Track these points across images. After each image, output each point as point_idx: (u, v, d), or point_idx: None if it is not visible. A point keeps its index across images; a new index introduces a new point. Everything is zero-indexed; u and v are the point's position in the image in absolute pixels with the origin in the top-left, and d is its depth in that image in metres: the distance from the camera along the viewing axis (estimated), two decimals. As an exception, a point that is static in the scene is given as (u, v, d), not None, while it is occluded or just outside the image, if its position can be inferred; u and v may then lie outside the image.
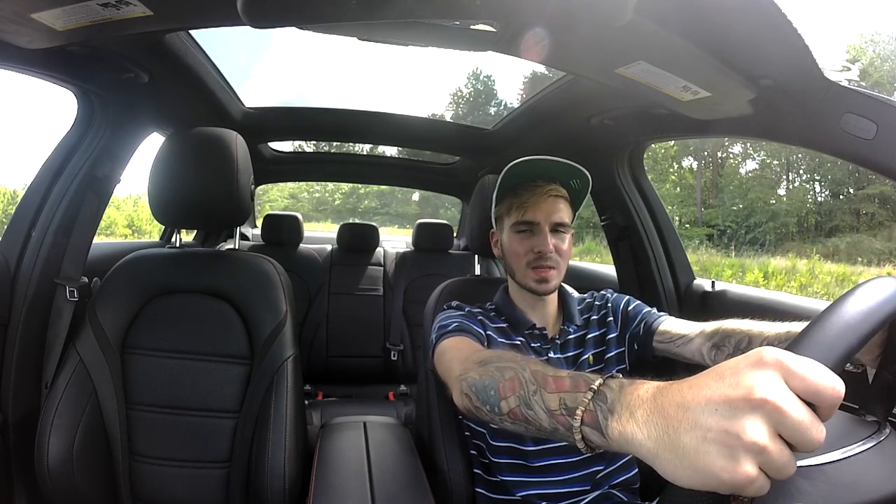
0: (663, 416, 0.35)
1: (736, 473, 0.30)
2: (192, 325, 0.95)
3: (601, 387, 0.42)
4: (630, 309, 0.93)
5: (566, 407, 0.44)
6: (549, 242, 0.84)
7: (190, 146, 0.97)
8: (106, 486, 0.89)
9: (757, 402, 0.31)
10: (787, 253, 12.87)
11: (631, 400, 0.38)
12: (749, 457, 0.30)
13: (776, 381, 0.31)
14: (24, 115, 29.40)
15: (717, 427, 0.31)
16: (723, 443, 0.31)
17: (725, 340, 0.75)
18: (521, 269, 0.87)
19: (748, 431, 0.30)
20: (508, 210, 0.89)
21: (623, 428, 0.37)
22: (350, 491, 0.76)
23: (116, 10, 0.66)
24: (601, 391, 0.41)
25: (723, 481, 0.31)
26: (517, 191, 0.88)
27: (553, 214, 0.86)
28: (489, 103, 20.97)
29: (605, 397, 0.40)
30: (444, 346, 0.77)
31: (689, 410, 0.33)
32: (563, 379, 0.47)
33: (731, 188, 16.60)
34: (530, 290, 0.87)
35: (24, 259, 0.98)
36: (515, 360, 0.57)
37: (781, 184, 16.47)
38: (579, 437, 0.42)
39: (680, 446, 0.33)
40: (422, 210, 17.53)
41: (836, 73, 0.71)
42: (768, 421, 0.31)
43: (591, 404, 0.41)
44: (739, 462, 0.30)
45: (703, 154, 17.29)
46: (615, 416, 0.38)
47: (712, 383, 0.33)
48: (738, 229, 15.31)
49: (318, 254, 2.17)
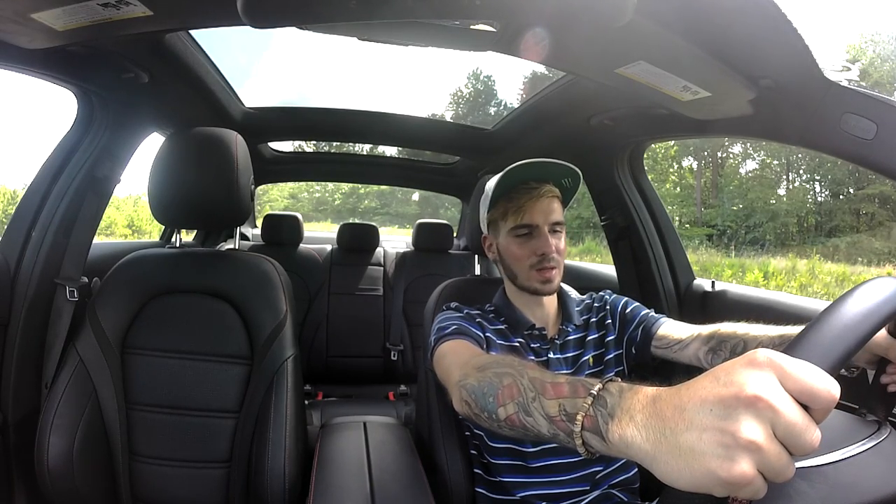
0: (661, 418, 0.35)
1: (732, 472, 0.30)
2: (192, 325, 0.95)
3: (601, 391, 0.42)
4: (628, 311, 0.93)
5: (566, 413, 0.44)
6: (551, 243, 0.85)
7: (190, 146, 0.97)
8: (106, 486, 0.89)
9: (749, 398, 0.31)
10: (787, 253, 12.88)
11: (631, 404, 0.38)
12: (745, 456, 0.30)
13: (769, 380, 0.31)
14: (25, 115, 29.40)
15: (712, 426, 0.32)
16: (718, 442, 0.31)
17: (721, 345, 0.76)
18: (524, 272, 0.87)
19: (743, 430, 0.31)
20: (504, 214, 0.88)
21: (623, 432, 0.37)
22: (350, 491, 0.76)
23: (116, 10, 0.66)
24: (601, 396, 0.41)
25: (719, 480, 0.31)
26: (511, 195, 0.87)
27: (550, 215, 0.86)
28: (489, 103, 20.98)
29: (605, 402, 0.40)
30: (443, 350, 0.77)
31: (685, 412, 0.33)
32: (561, 385, 0.47)
33: (731, 188, 16.60)
34: (535, 291, 0.87)
35: (24, 259, 0.98)
36: (513, 366, 0.56)
37: (781, 184, 16.48)
38: (580, 443, 0.42)
39: (677, 447, 0.33)
40: (422, 210, 17.54)
41: (836, 73, 0.71)
42: (763, 420, 0.31)
43: (592, 409, 0.41)
44: (735, 461, 0.30)
45: (703, 154, 17.29)
46: (615, 421, 0.38)
47: (707, 384, 0.33)
48: (738, 229, 15.32)
49: (318, 254, 2.17)
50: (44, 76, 0.91)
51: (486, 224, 0.94)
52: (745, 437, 0.30)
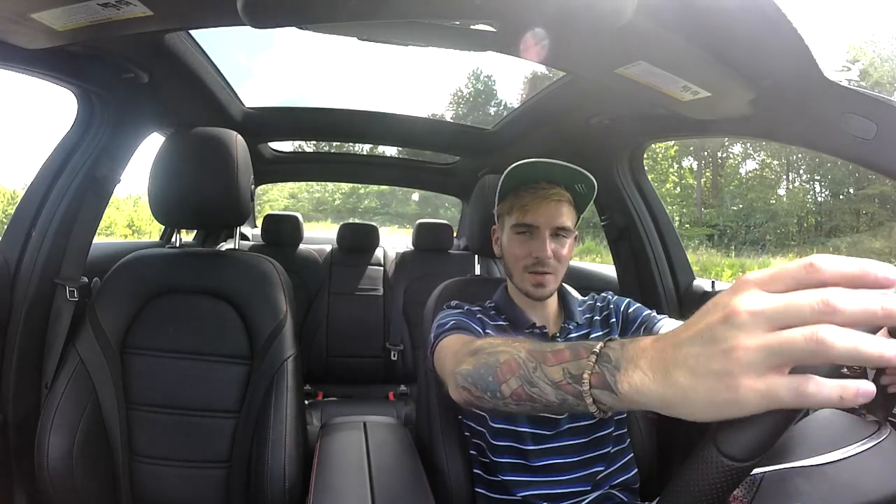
0: (662, 358, 0.35)
1: (739, 388, 0.30)
2: (192, 326, 0.95)
3: (602, 349, 0.41)
4: (630, 311, 0.93)
5: (571, 375, 0.44)
6: (548, 248, 0.84)
7: (190, 146, 0.97)
8: (106, 486, 0.89)
9: (729, 313, 0.31)
10: (788, 253, 12.88)
11: (633, 353, 0.38)
12: (743, 366, 0.30)
13: (752, 293, 0.31)
14: (25, 115, 29.41)
15: (706, 353, 0.32)
16: (716, 366, 0.31)
17: None
18: (518, 272, 0.87)
19: (730, 340, 0.30)
20: (510, 209, 0.88)
21: (631, 379, 0.37)
22: (350, 491, 0.76)
23: (116, 10, 0.66)
24: (603, 353, 0.41)
25: (733, 401, 0.30)
26: (518, 192, 0.87)
27: (555, 219, 0.85)
28: (489, 103, 20.99)
29: (609, 357, 0.40)
30: (441, 345, 0.77)
31: (682, 346, 0.34)
32: (561, 351, 0.46)
33: (731, 188, 16.60)
34: (526, 293, 0.87)
35: (24, 259, 0.98)
36: (508, 344, 0.56)
37: (781, 184, 16.48)
38: (590, 401, 0.41)
39: (681, 383, 0.33)
40: (422, 210, 17.50)
41: (836, 73, 0.71)
42: (745, 329, 0.30)
43: (597, 366, 0.41)
44: (735, 376, 0.30)
45: (703, 154, 17.30)
46: (622, 371, 0.38)
47: (697, 318, 0.34)
48: (738, 229, 15.32)
49: (318, 254, 2.17)
50: (44, 76, 0.91)
51: (496, 216, 0.94)
52: (731, 345, 0.30)
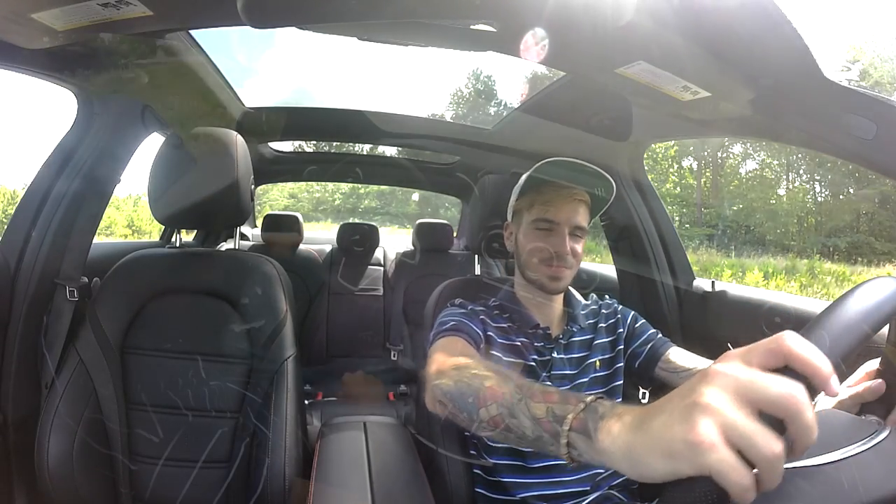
0: (646, 411, 0.36)
1: (694, 431, 0.30)
2: (192, 326, 0.95)
3: (593, 402, 0.42)
4: (637, 326, 0.94)
5: (554, 414, 0.44)
6: (567, 244, 0.85)
7: (190, 146, 0.97)
8: (106, 486, 0.89)
9: (710, 372, 0.33)
10: (788, 253, 12.88)
11: (622, 411, 0.39)
12: (704, 415, 0.31)
13: (733, 363, 0.33)
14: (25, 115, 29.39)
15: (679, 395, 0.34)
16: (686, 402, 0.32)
17: None
18: (533, 265, 0.88)
19: (701, 388, 0.32)
20: (530, 205, 0.89)
21: (611, 428, 0.38)
22: (350, 491, 0.76)
23: (116, 10, 0.66)
24: (593, 405, 0.42)
25: (684, 443, 0.31)
26: (541, 188, 0.88)
27: (574, 218, 0.86)
28: (489, 103, 20.96)
29: (597, 409, 0.41)
30: (437, 346, 0.78)
31: (667, 399, 0.35)
32: (552, 393, 0.47)
33: (731, 188, 16.59)
34: (541, 286, 0.88)
35: (24, 259, 0.98)
36: (497, 370, 0.58)
37: (781, 184, 16.47)
38: (564, 442, 0.42)
39: (652, 427, 0.34)
40: (422, 210, 17.49)
41: (836, 73, 0.71)
42: (720, 421, 0.31)
43: (582, 413, 0.42)
44: (695, 420, 0.31)
45: (703, 154, 17.28)
46: (605, 420, 0.39)
47: (675, 394, 0.35)
48: (738, 229, 15.31)
49: (318, 254, 2.17)
50: (44, 76, 0.91)
51: (511, 212, 0.95)
52: (704, 402, 0.31)
